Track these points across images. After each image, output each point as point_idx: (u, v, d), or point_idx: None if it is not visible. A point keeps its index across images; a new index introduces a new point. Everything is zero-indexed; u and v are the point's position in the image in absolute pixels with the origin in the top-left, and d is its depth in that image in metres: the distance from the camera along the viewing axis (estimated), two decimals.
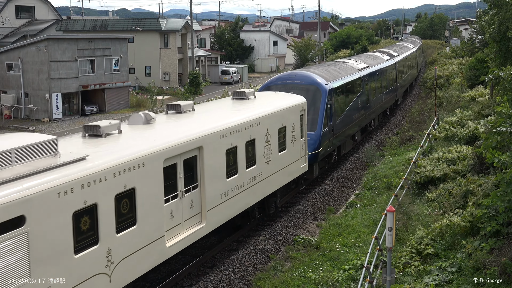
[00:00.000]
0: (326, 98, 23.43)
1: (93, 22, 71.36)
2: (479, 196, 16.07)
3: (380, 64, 36.98)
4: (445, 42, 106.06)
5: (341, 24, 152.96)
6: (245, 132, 16.35)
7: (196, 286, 14.58)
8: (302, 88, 23.36)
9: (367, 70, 32.81)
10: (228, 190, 15.53)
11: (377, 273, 13.69)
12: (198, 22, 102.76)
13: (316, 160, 22.51)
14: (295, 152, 19.91)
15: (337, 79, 26.43)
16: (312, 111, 22.93)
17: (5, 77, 47.23)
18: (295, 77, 24.37)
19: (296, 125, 19.85)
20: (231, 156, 15.70)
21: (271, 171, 18.06)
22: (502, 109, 13.73)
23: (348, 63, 32.05)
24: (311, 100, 22.92)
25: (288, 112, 19.27)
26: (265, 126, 17.48)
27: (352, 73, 29.45)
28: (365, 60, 35.58)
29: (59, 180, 9.96)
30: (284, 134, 18.89)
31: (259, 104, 19.14)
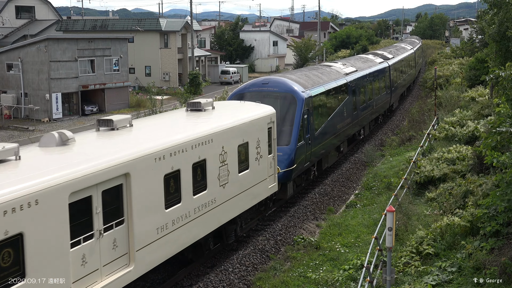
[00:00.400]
0: (302, 108, 20.86)
1: (93, 22, 71.38)
2: (479, 196, 16.08)
3: (371, 68, 34.28)
4: (445, 42, 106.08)
5: (341, 24, 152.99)
6: (192, 152, 13.88)
7: (196, 286, 14.59)
8: (276, 96, 21.07)
9: (355, 74, 30.15)
10: (168, 223, 13.02)
11: (377, 273, 13.69)
12: (198, 22, 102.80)
13: (290, 178, 19.94)
14: (260, 171, 17.32)
15: (318, 86, 23.84)
16: (286, 122, 20.53)
17: (5, 77, 47.23)
18: (269, 84, 21.65)
19: (263, 140, 17.35)
20: (172, 182, 13.19)
21: (228, 195, 15.55)
22: (501, 109, 13.74)
23: (333, 67, 29.34)
24: (286, 110, 20.79)
25: (251, 126, 16.73)
26: (219, 144, 15.00)
27: (337, 79, 26.86)
28: (354, 63, 33.06)
29: None
30: (246, 151, 16.35)
31: (216, 117, 16.53)
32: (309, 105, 21.63)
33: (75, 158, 11.36)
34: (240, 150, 16.10)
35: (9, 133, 41.06)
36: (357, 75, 30.33)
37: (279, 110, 20.25)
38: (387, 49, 51.00)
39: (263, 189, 17.76)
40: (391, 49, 49.76)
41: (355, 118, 28.79)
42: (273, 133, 18.17)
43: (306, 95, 21.57)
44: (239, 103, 19.50)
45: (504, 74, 13.01)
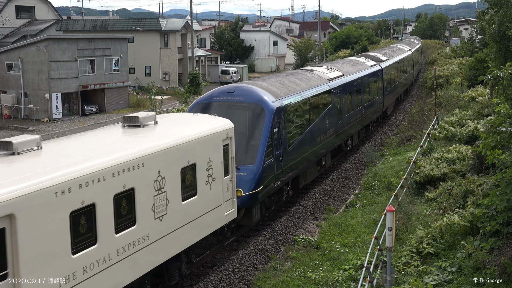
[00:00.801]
0: (271, 120, 18.26)
1: (93, 22, 71.40)
2: (479, 195, 16.09)
3: (360, 72, 31.44)
4: (445, 42, 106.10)
5: (341, 24, 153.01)
6: (114, 180, 11.33)
7: (196, 286, 14.58)
8: (242, 107, 18.64)
9: (341, 79, 27.35)
10: (77, 271, 10.43)
11: (377, 273, 13.70)
12: (198, 22, 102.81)
13: (255, 201, 17.44)
14: (213, 196, 14.90)
15: (293, 94, 21.23)
16: (252, 137, 18.06)
17: (5, 77, 47.24)
18: (235, 93, 19.05)
19: (216, 159, 14.95)
20: (83, 220, 10.67)
21: (167, 229, 13.00)
22: (501, 109, 13.75)
23: (316, 72, 26.45)
24: (252, 123, 18.35)
25: (200, 144, 14.31)
26: (154, 168, 12.47)
27: (318, 85, 24.15)
28: (341, 67, 30.12)
29: None
30: (192, 175, 13.93)
31: (155, 134, 13.90)
32: (280, 116, 19.05)
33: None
34: (185, 174, 13.63)
35: (9, 133, 41.06)
36: (343, 80, 27.58)
37: (245, 123, 18.17)
38: (381, 50, 47.88)
39: (217, 217, 15.26)
40: (386, 51, 46.69)
41: (340, 128, 26.15)
42: (231, 151, 15.76)
43: (277, 105, 19.02)
44: (190, 116, 16.66)
45: (503, 74, 13.02)
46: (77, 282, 10.46)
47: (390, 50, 47.77)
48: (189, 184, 13.91)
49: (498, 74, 13.10)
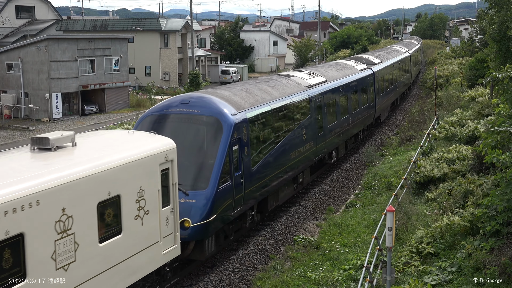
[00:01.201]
0: (230, 136, 15.72)
1: (93, 22, 71.43)
2: (479, 196, 16.10)
3: (347, 77, 28.53)
4: (445, 42, 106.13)
5: (341, 24, 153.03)
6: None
7: (196, 286, 14.59)
8: (196, 120, 16.14)
9: (323, 86, 24.55)
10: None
11: (377, 273, 13.70)
12: (198, 22, 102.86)
13: (207, 233, 14.93)
14: (146, 233, 12.30)
15: (261, 104, 18.51)
16: (205, 157, 15.59)
17: (5, 77, 47.26)
18: (189, 104, 16.51)
19: (150, 188, 12.32)
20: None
21: (75, 280, 10.52)
22: (501, 109, 13.75)
23: (294, 78, 23.63)
24: (206, 140, 15.94)
25: (127, 171, 11.70)
26: (55, 206, 10.04)
27: (294, 93, 21.47)
28: (325, 72, 27.17)
29: None
30: (115, 209, 11.39)
31: (68, 160, 11.14)
32: (242, 131, 16.48)
33: None
34: (104, 209, 11.14)
35: (9, 133, 41.08)
36: (325, 87, 24.82)
37: (198, 140, 15.93)
38: (375, 52, 44.45)
39: (152, 258, 12.66)
40: (380, 53, 43.42)
41: (321, 140, 23.50)
42: (172, 176, 13.20)
43: (239, 119, 16.46)
44: (123, 135, 14.01)
45: (501, 76, 13.03)
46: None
47: (385, 52, 44.84)
48: (111, 221, 11.35)
49: (497, 76, 13.11)
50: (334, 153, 26.08)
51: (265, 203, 18.88)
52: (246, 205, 16.90)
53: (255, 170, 17.19)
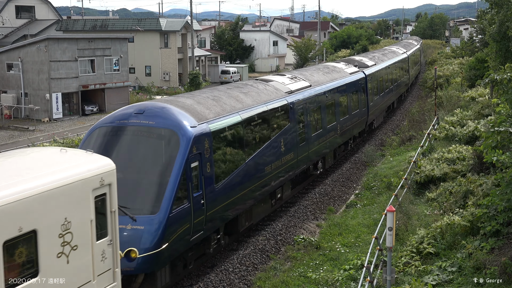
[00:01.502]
0: (188, 151, 13.66)
1: (93, 22, 71.45)
2: (479, 195, 16.10)
3: (335, 81, 26.30)
4: (445, 42, 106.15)
5: (341, 24, 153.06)
6: None
7: (196, 286, 14.59)
8: (150, 134, 14.07)
9: (305, 92, 22.41)
10: None
11: (378, 273, 13.70)
12: (198, 22, 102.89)
13: (157, 264, 13.00)
14: (72, 272, 10.32)
15: (229, 114, 16.39)
16: (158, 176, 13.52)
17: (5, 77, 47.27)
18: (144, 114, 14.41)
19: (79, 218, 10.33)
20: None
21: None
22: (501, 109, 13.76)
23: (273, 82, 21.42)
24: (160, 156, 13.87)
25: (47, 200, 9.73)
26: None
27: (270, 100, 19.26)
28: (310, 76, 24.90)
29: None
30: (29, 248, 9.63)
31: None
32: (203, 145, 14.48)
33: None
34: (14, 248, 9.37)
35: (9, 133, 41.09)
36: (308, 92, 22.73)
37: (150, 156, 13.83)
38: (370, 54, 41.81)
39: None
40: (375, 54, 40.85)
41: (303, 151, 21.45)
42: (110, 203, 11.16)
43: (200, 131, 14.46)
44: (52, 154, 11.56)
45: (499, 78, 13.03)
46: None
47: (380, 54, 42.39)
48: (23, 262, 9.52)
49: (495, 77, 13.12)
50: (320, 163, 24.02)
51: (235, 223, 16.81)
52: (209, 229, 14.83)
53: (221, 189, 15.16)
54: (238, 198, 16.23)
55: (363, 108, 30.43)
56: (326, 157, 24.97)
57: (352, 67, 31.19)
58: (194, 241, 14.22)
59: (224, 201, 15.37)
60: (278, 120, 19.42)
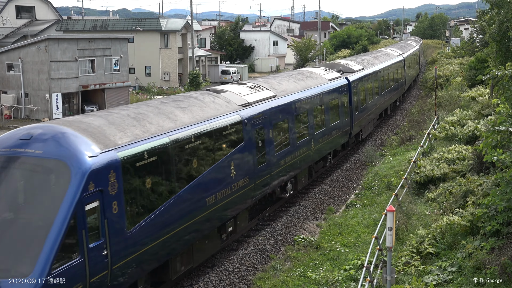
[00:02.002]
0: (82, 188, 10.59)
1: (93, 22, 71.44)
2: (479, 195, 16.10)
3: (309, 89, 22.73)
4: (446, 42, 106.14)
5: (342, 24, 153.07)
6: None
7: (196, 286, 14.59)
8: (34, 166, 11.00)
9: (267, 103, 18.66)
10: None
11: (378, 272, 13.70)
12: (199, 22, 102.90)
13: None
14: None
15: (152, 137, 12.94)
16: (38, 222, 10.44)
17: (5, 77, 47.27)
18: (30, 141, 11.23)
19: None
20: None
21: None
22: (501, 109, 13.76)
23: (225, 94, 17.64)
24: (45, 196, 10.77)
25: None
26: None
27: (216, 116, 15.71)
28: (277, 84, 21.21)
29: None
30: None
31: None
32: (107, 180, 11.22)
33: None
34: None
35: None
36: (271, 104, 18.95)
37: (31, 196, 10.83)
38: (359, 57, 37.59)
39: None
40: (365, 58, 36.93)
41: (263, 174, 17.82)
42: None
43: (102, 162, 11.21)
44: None
45: (500, 74, 13.03)
46: None
47: (371, 57, 38.47)
48: None
49: (496, 73, 13.12)
50: (290, 184, 20.69)
51: (164, 271, 13.77)
52: (120, 285, 11.71)
53: (137, 233, 11.93)
54: (165, 240, 12.93)
55: (346, 118, 26.72)
56: (298, 176, 21.53)
57: (333, 72, 27.45)
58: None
59: (143, 247, 12.14)
60: (226, 139, 15.87)
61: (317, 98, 23.20)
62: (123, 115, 13.30)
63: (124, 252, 11.60)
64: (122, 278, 11.67)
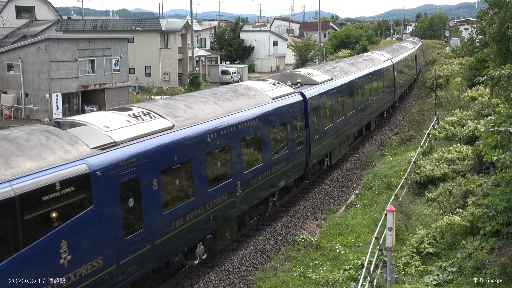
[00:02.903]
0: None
1: (93, 22, 71.44)
2: (479, 195, 16.11)
3: (231, 116, 16.39)
4: (445, 42, 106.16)
5: (342, 24, 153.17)
6: None
7: (196, 286, 14.60)
8: None
9: (144, 143, 12.66)
10: None
11: (378, 273, 13.70)
12: (198, 22, 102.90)
13: None
14: None
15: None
16: None
17: (5, 77, 47.28)
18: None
19: None
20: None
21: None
22: (501, 109, 13.78)
23: (74, 130, 11.92)
24: None
25: None
26: None
27: (26, 176, 9.77)
28: (185, 108, 15.30)
29: None
30: None
31: None
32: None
33: None
34: None
35: None
36: (156, 142, 13.02)
37: None
38: (330, 64, 31.13)
39: None
40: (339, 65, 30.51)
41: (140, 246, 12.31)
42: None
43: None
44: None
45: (497, 74, 13.05)
46: None
47: (348, 63, 31.97)
48: None
49: (493, 74, 13.14)
50: (201, 247, 15.15)
51: None
52: None
53: None
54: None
55: (299, 146, 20.75)
56: (218, 231, 16.00)
57: (284, 87, 21.43)
58: None
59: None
60: (53, 206, 10.21)
61: (248, 124, 17.12)
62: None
63: None
64: None
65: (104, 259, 11.24)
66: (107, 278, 11.39)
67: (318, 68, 28.18)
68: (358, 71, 30.72)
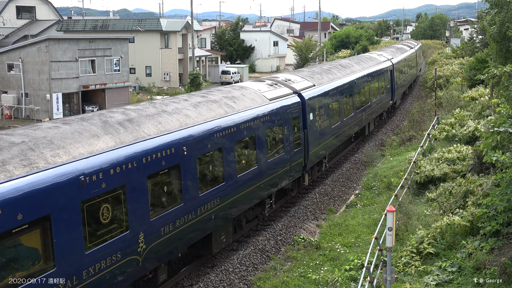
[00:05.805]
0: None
1: (93, 23, 71.45)
2: (479, 196, 16.11)
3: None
4: (446, 42, 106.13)
5: (342, 24, 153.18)
6: None
7: (196, 286, 14.60)
8: None
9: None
10: None
11: (378, 273, 13.71)
12: (199, 22, 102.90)
13: None
14: None
15: None
16: None
17: (5, 77, 47.29)
18: None
19: None
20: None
21: None
22: (501, 109, 13.78)
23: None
24: None
25: None
26: None
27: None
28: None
29: None
30: None
31: None
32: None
33: None
34: None
35: None
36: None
37: None
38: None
39: None
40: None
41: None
42: None
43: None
44: None
45: (498, 72, 13.06)
46: None
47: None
48: None
49: (494, 72, 13.15)
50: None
51: None
52: None
53: None
54: None
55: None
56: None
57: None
58: None
59: None
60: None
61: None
62: None
63: None
64: None
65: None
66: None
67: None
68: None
